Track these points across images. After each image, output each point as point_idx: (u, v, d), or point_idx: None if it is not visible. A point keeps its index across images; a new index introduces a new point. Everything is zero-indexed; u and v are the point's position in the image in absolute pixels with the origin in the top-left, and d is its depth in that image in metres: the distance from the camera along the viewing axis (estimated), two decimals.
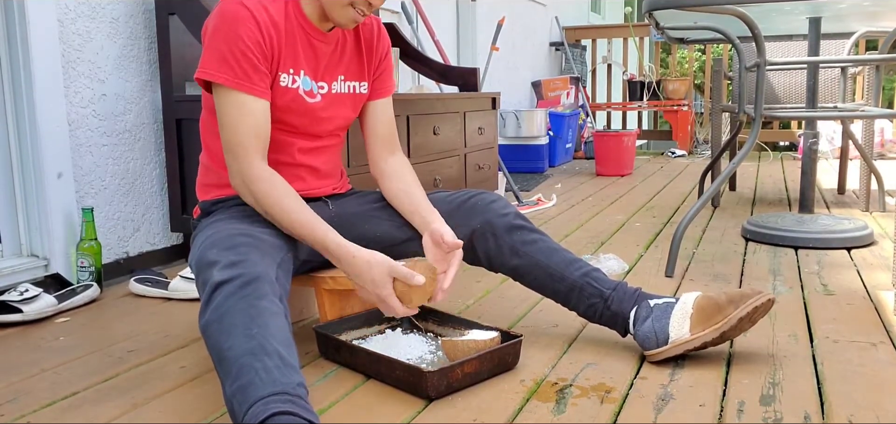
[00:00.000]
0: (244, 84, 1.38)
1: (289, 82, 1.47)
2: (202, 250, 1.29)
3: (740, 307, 1.41)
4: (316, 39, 1.50)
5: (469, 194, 1.62)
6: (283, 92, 1.46)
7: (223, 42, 1.38)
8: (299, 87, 1.48)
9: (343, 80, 1.57)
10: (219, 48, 1.38)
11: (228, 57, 1.37)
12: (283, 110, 1.48)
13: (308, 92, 1.50)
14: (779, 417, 1.23)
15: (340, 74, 1.56)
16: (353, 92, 1.59)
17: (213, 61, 1.38)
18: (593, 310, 1.54)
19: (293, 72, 1.47)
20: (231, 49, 1.37)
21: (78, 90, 2.22)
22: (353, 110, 1.61)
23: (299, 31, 1.47)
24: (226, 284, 1.19)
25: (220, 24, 1.39)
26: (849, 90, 3.44)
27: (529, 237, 1.57)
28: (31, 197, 2.14)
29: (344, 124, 1.62)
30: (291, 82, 1.47)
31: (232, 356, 1.11)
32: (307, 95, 1.50)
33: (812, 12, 2.55)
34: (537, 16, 6.22)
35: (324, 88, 1.53)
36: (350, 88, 1.58)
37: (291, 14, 1.46)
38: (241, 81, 1.38)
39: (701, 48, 9.22)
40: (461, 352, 1.39)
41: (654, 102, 6.08)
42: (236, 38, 1.37)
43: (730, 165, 2.48)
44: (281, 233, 1.41)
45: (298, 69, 1.48)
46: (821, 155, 5.06)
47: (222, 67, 1.38)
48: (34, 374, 1.52)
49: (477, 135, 3.39)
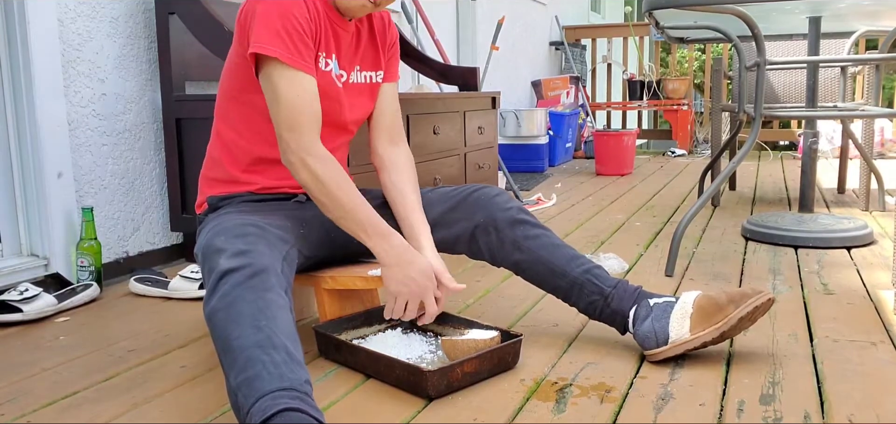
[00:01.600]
0: (299, 61, 1.39)
1: (323, 65, 1.48)
2: (210, 237, 1.30)
3: (740, 306, 1.41)
4: (339, 27, 1.51)
5: (472, 189, 1.62)
6: (321, 75, 1.47)
7: (278, 19, 1.37)
8: (331, 70, 1.50)
9: (360, 69, 1.58)
10: (273, 24, 1.37)
11: (283, 33, 1.37)
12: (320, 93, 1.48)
13: (339, 76, 1.52)
14: (779, 416, 1.23)
15: (357, 64, 1.58)
16: (370, 81, 1.61)
17: (269, 37, 1.37)
18: (593, 307, 1.54)
19: (326, 55, 1.49)
20: (285, 26, 1.37)
21: (78, 90, 2.22)
22: (370, 100, 1.62)
23: (327, 18, 1.49)
24: (234, 272, 1.19)
25: (272, 3, 1.39)
26: (849, 90, 3.44)
27: (532, 232, 1.57)
28: (31, 197, 2.14)
29: (362, 116, 1.62)
30: (324, 65, 1.48)
31: (238, 346, 1.11)
32: (338, 79, 1.52)
33: (812, 12, 2.55)
34: (537, 15, 6.22)
35: (343, 76, 1.54)
36: (367, 78, 1.60)
37: (320, 1, 1.47)
38: (296, 58, 1.38)
39: (701, 48, 9.22)
40: (461, 352, 1.39)
41: (654, 101, 6.08)
42: (289, 15, 1.38)
43: (730, 164, 2.48)
44: (287, 227, 1.41)
45: (330, 53, 1.50)
46: (821, 154, 5.06)
47: (278, 43, 1.37)
48: (34, 374, 1.52)
49: (477, 134, 3.39)
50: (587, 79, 6.71)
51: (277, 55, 1.37)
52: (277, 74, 1.38)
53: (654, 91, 6.07)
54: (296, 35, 1.38)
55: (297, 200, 1.57)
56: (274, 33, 1.37)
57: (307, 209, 1.55)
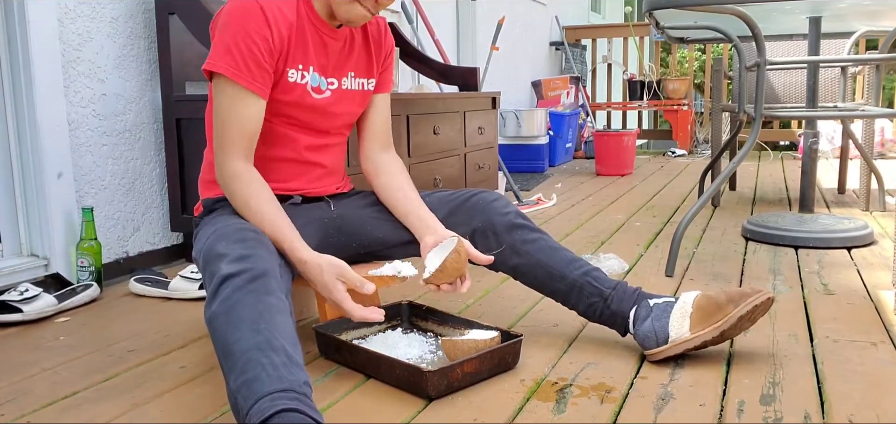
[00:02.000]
0: (244, 77, 1.39)
1: (297, 78, 1.48)
2: (211, 243, 1.30)
3: (740, 305, 1.41)
4: (327, 36, 1.51)
5: (469, 194, 1.62)
6: (291, 88, 1.47)
7: (230, 35, 1.39)
8: (307, 83, 1.50)
9: (353, 76, 1.58)
10: (225, 40, 1.39)
11: (233, 49, 1.38)
12: (290, 106, 1.49)
13: (316, 88, 1.51)
14: (779, 417, 1.23)
15: (350, 71, 1.57)
16: (362, 88, 1.61)
17: (221, 53, 1.39)
18: (593, 309, 1.54)
19: (302, 68, 1.48)
20: (237, 42, 1.38)
21: (78, 90, 2.22)
22: (360, 106, 1.62)
23: (310, 28, 1.48)
24: (234, 277, 1.19)
25: (231, 18, 1.40)
26: (849, 90, 3.44)
27: (530, 236, 1.56)
28: (31, 197, 2.14)
29: (351, 121, 1.63)
30: (300, 78, 1.48)
31: (238, 349, 1.11)
32: (314, 92, 1.51)
33: (812, 12, 2.55)
34: (537, 15, 6.22)
35: (333, 83, 1.54)
36: (360, 85, 1.60)
37: (303, 11, 1.47)
38: (241, 74, 1.39)
39: (701, 48, 9.22)
40: (461, 352, 1.39)
41: (654, 101, 6.08)
42: (244, 32, 1.38)
43: (730, 164, 2.48)
44: None
45: (307, 65, 1.49)
46: (821, 155, 5.05)
47: (225, 58, 1.39)
48: (34, 374, 1.52)
49: (477, 134, 3.39)
50: (587, 79, 6.71)
51: (222, 70, 1.39)
52: (219, 90, 1.41)
53: (655, 91, 6.07)
54: (247, 53, 1.38)
55: (292, 202, 1.57)
56: (225, 49, 1.39)
57: (304, 212, 1.55)
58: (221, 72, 1.39)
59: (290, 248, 1.36)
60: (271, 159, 1.52)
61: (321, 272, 1.35)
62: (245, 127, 1.41)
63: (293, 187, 1.57)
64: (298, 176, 1.57)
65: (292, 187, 1.56)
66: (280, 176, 1.54)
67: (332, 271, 1.34)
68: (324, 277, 1.34)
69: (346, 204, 1.64)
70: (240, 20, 1.39)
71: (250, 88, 1.40)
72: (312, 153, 1.57)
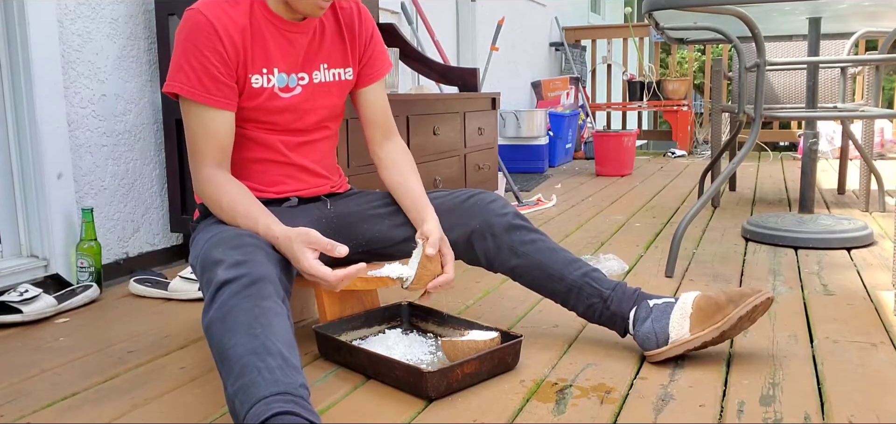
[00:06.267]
0: (200, 95, 1.41)
1: (263, 82, 1.48)
2: (207, 249, 1.30)
3: (740, 305, 1.41)
4: (289, 32, 1.49)
5: (468, 194, 1.62)
6: (256, 93, 1.47)
7: (182, 52, 1.41)
8: (274, 85, 1.49)
9: (326, 68, 1.56)
10: (178, 59, 1.42)
11: (186, 67, 1.40)
12: (259, 110, 1.49)
13: (283, 88, 1.50)
14: (779, 417, 1.23)
15: (322, 63, 1.56)
16: (338, 79, 1.59)
17: (174, 73, 1.42)
18: (592, 310, 1.53)
19: (266, 71, 1.48)
20: (189, 59, 1.40)
21: (78, 91, 2.22)
22: (338, 98, 1.60)
23: (269, 28, 1.47)
24: (231, 283, 1.19)
25: (180, 35, 1.42)
26: (849, 90, 3.44)
27: (528, 237, 1.56)
28: (30, 197, 2.14)
29: (330, 114, 1.61)
30: (266, 82, 1.48)
31: (235, 354, 1.11)
32: (282, 92, 1.50)
33: (812, 12, 2.55)
34: (537, 16, 6.22)
35: (304, 79, 1.53)
36: (334, 76, 1.58)
37: (257, 12, 1.46)
38: (197, 92, 1.41)
39: (701, 48, 9.22)
40: (461, 352, 1.39)
41: (654, 102, 6.08)
42: (195, 49, 1.40)
43: (730, 165, 2.48)
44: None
45: (271, 67, 1.48)
46: (821, 155, 5.06)
47: (179, 77, 1.41)
48: (34, 374, 1.52)
49: (477, 135, 3.39)
50: (587, 80, 6.71)
51: (178, 90, 1.42)
52: (183, 108, 1.45)
53: (654, 92, 6.06)
54: (200, 69, 1.40)
55: (289, 204, 1.57)
56: (178, 68, 1.41)
57: (301, 213, 1.55)
58: (177, 92, 1.42)
59: (265, 229, 1.36)
60: (253, 162, 1.53)
61: (290, 242, 1.32)
62: (213, 139, 1.44)
63: (285, 190, 1.56)
64: (287, 178, 1.56)
65: (283, 189, 1.56)
66: (268, 180, 1.54)
67: (299, 239, 1.32)
68: (293, 247, 1.32)
69: (344, 204, 1.64)
70: (189, 37, 1.40)
71: (209, 103, 1.42)
72: (294, 153, 1.56)
